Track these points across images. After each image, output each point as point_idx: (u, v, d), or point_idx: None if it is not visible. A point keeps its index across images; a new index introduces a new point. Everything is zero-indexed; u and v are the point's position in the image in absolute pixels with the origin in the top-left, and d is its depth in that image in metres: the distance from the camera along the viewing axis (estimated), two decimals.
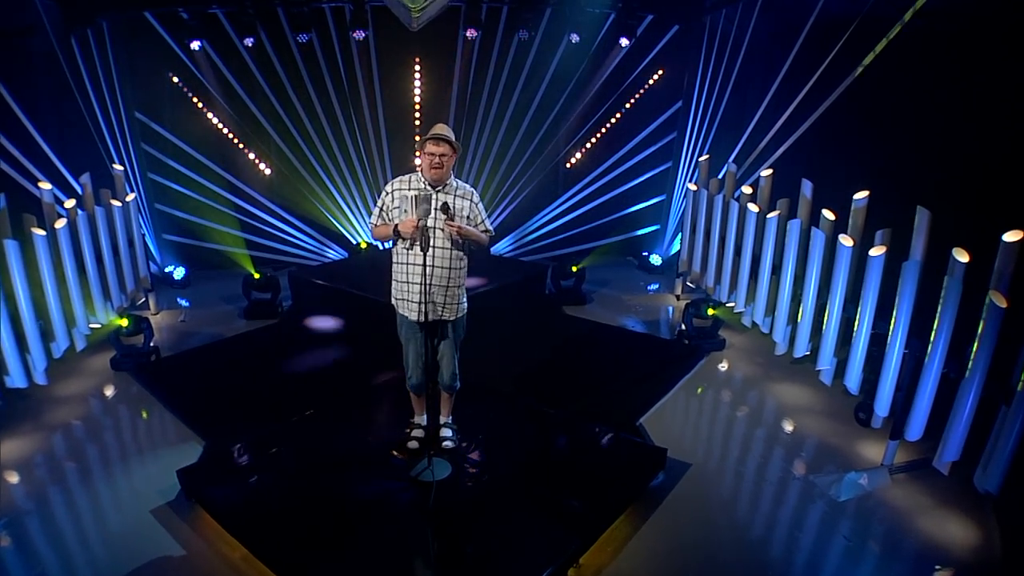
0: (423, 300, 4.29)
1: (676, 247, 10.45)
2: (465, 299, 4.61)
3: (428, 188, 4.32)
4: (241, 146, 9.73)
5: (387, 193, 4.44)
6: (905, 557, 4.19)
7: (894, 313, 5.07)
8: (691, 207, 8.43)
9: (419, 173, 4.40)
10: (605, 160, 10.67)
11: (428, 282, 4.28)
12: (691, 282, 8.85)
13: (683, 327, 7.39)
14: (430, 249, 4.24)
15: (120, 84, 8.78)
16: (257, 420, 5.50)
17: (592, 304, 8.84)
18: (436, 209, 4.23)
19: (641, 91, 10.31)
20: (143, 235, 8.06)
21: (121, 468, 4.97)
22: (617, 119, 10.45)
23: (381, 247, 10.46)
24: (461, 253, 4.44)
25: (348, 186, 10.32)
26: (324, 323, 7.95)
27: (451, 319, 4.54)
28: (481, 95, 10.09)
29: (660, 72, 10.20)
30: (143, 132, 9.27)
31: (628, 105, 10.38)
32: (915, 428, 4.89)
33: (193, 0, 8.25)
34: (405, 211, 4.30)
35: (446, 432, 4.99)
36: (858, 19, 6.82)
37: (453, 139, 4.29)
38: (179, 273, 9.18)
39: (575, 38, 9.29)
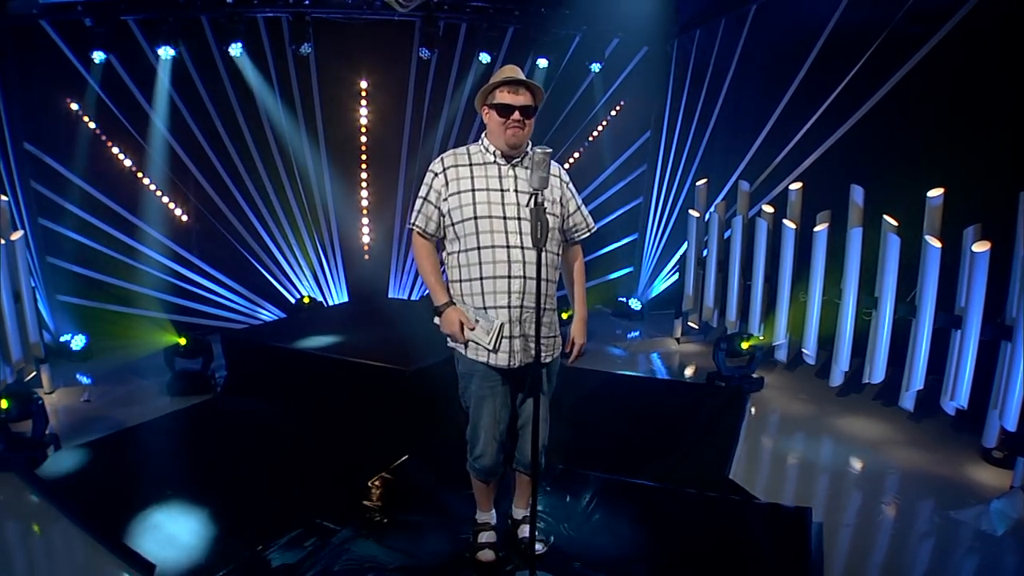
0: (510, 332, 3.01)
1: (656, 290, 9.57)
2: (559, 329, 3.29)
3: (500, 159, 3.01)
4: (155, 189, 8.09)
5: (436, 174, 3.03)
6: None
7: (1016, 309, 4.32)
8: (695, 235, 7.48)
9: (481, 142, 3.07)
10: None
11: (521, 302, 2.98)
12: (693, 323, 7.85)
13: (715, 368, 6.33)
14: (519, 250, 2.95)
15: (6, 106, 7.05)
16: (216, 540, 3.73)
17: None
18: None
19: (605, 121, 9.49)
20: (33, 288, 6.28)
21: None
22: (581, 153, 9.53)
23: (326, 302, 8.97)
24: (559, 253, 3.18)
25: (284, 232, 8.79)
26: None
27: (547, 360, 3.17)
28: (438, 123, 8.91)
29: (621, 103, 9.43)
30: (33, 167, 7.45)
31: (591, 138, 9.51)
32: None
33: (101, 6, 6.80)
34: (469, 204, 2.96)
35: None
36: (893, 23, 6.15)
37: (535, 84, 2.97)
38: (78, 342, 7.34)
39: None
